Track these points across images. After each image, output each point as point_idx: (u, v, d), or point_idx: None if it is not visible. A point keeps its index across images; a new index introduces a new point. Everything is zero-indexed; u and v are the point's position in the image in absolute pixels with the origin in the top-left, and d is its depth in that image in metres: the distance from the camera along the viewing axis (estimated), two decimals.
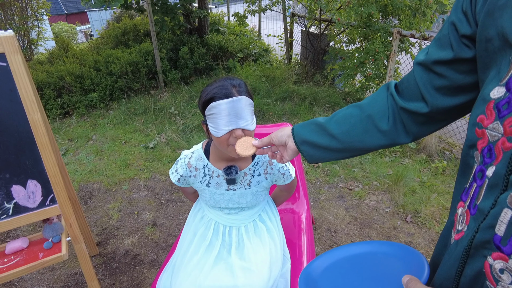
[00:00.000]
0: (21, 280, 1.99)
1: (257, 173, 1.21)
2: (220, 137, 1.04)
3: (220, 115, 1.01)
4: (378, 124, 0.71)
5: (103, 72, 4.49)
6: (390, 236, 2.22)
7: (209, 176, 1.20)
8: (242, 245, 1.25)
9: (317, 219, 2.37)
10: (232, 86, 1.04)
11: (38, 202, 1.49)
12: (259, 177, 1.21)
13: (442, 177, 2.81)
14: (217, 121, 1.02)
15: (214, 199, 1.23)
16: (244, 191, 1.21)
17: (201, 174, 1.20)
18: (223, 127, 1.01)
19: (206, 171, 1.20)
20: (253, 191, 1.22)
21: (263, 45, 6.03)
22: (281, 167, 1.22)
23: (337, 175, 2.88)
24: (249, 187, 1.21)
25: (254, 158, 1.22)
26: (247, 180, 1.21)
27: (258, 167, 1.22)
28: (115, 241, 2.25)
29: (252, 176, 1.21)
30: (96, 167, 3.08)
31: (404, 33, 3.41)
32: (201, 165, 1.21)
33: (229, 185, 1.19)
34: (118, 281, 1.95)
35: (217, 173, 1.19)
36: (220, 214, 1.28)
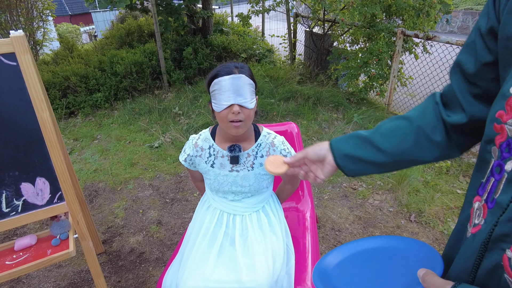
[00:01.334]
0: (29, 277, 2.01)
1: (260, 155, 1.25)
2: (220, 112, 1.11)
3: (221, 90, 1.09)
4: (431, 136, 0.68)
5: (107, 73, 4.52)
6: (394, 234, 2.22)
7: (213, 157, 1.26)
8: (246, 235, 1.28)
9: (321, 218, 2.38)
10: (234, 66, 1.13)
11: (46, 199, 1.51)
12: (262, 158, 1.25)
13: (446, 177, 2.81)
14: (219, 96, 1.10)
15: (218, 181, 1.26)
16: (247, 173, 1.25)
17: (206, 155, 1.26)
18: (223, 102, 1.09)
19: (211, 151, 1.26)
20: (256, 173, 1.25)
21: (266, 45, 6.05)
22: (283, 149, 1.26)
23: (341, 174, 2.89)
24: (252, 168, 1.25)
25: (257, 140, 1.26)
26: (250, 161, 1.25)
27: (260, 149, 1.26)
28: (121, 239, 2.27)
29: (255, 158, 1.25)
30: (101, 166, 3.11)
31: (408, 33, 3.41)
32: (206, 145, 1.27)
33: (233, 165, 1.24)
34: (124, 279, 1.97)
35: (222, 153, 1.25)
36: (225, 202, 1.31)
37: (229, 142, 1.24)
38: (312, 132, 3.59)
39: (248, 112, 1.13)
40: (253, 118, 1.20)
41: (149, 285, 1.92)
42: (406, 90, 4.39)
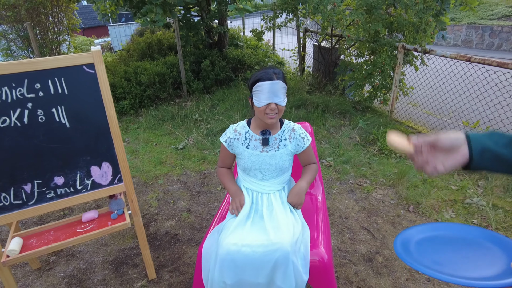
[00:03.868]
0: (80, 252, 2.36)
1: (284, 138, 1.61)
2: (260, 108, 1.46)
3: (262, 92, 1.44)
4: None
5: (133, 82, 4.95)
6: (394, 222, 2.54)
7: (248, 140, 1.60)
8: (271, 208, 1.62)
9: (330, 208, 2.71)
10: (273, 72, 1.46)
11: (109, 180, 1.87)
12: (285, 141, 1.60)
13: (442, 176, 3.12)
14: (260, 96, 1.45)
15: (251, 160, 1.60)
16: (274, 153, 1.59)
17: (243, 138, 1.61)
18: (264, 100, 1.44)
19: (247, 136, 1.61)
20: (281, 153, 1.59)
21: (277, 58, 6.47)
22: (301, 132, 1.62)
23: (348, 173, 3.22)
24: (278, 149, 1.59)
25: (282, 126, 1.63)
26: (277, 144, 1.60)
27: (284, 134, 1.61)
28: (156, 224, 2.62)
29: (280, 140, 1.60)
30: (133, 164, 3.48)
31: (408, 47, 3.78)
32: (243, 131, 1.62)
33: (263, 146, 1.58)
34: (162, 255, 2.31)
35: (255, 137, 1.60)
36: (254, 181, 1.65)
37: (261, 129, 1.59)
38: (321, 136, 3.94)
39: (281, 108, 1.49)
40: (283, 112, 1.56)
41: (184, 259, 2.26)
42: (409, 99, 4.73)
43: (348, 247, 2.29)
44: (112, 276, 2.14)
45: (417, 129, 4.08)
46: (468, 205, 2.70)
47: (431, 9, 3.38)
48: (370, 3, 3.38)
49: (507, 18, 11.73)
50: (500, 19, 11.85)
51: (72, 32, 8.02)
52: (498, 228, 2.43)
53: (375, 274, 2.08)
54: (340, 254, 2.24)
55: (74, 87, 1.70)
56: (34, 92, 1.63)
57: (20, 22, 6.75)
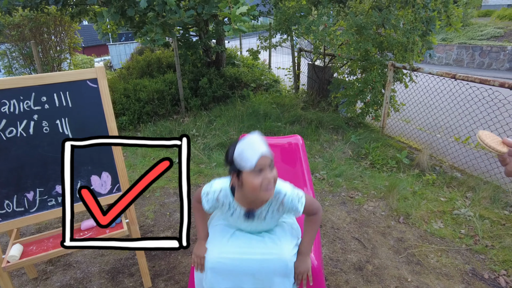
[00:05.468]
0: (77, 262, 2.41)
1: (271, 211, 1.44)
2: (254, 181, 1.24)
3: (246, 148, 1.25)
4: None
5: (132, 99, 5.08)
6: (384, 233, 2.61)
7: (232, 210, 1.44)
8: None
9: (322, 220, 2.78)
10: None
11: (108, 189, 1.95)
12: (273, 213, 1.45)
13: (432, 188, 3.22)
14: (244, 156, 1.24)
15: (235, 223, 1.50)
16: (260, 224, 1.47)
17: (226, 207, 1.45)
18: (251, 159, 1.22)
19: (231, 206, 1.44)
20: (268, 222, 1.47)
21: (273, 76, 6.65)
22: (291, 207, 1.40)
23: (340, 186, 3.31)
24: (264, 220, 1.45)
25: (268, 202, 1.41)
26: (263, 215, 1.44)
27: (271, 206, 1.43)
28: (152, 235, 2.67)
29: (267, 213, 1.44)
30: (131, 177, 3.55)
31: (397, 65, 3.95)
32: (227, 201, 1.44)
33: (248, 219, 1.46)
34: (157, 264, 2.36)
35: (239, 210, 1.43)
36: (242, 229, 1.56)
37: (247, 204, 1.40)
38: (315, 151, 4.04)
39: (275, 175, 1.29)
40: None
41: (179, 269, 2.31)
42: (400, 115, 4.88)
43: (339, 257, 2.36)
44: (108, 285, 2.18)
45: (408, 144, 4.20)
46: (456, 216, 2.78)
47: (417, 30, 3.56)
48: (360, 24, 3.56)
49: (496, 39, 12.12)
50: (489, 40, 12.23)
51: (74, 50, 8.23)
52: (484, 237, 2.51)
53: (365, 282, 2.14)
54: (331, 263, 2.30)
55: (78, 100, 1.81)
56: (40, 104, 1.73)
57: (23, 41, 6.95)
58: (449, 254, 2.37)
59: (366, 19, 3.65)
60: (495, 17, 14.14)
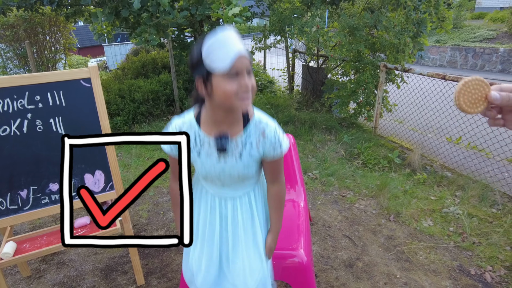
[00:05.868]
0: (71, 261, 2.43)
1: (249, 144, 1.16)
2: (226, 86, 0.99)
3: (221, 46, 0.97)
4: None
5: (127, 99, 5.09)
6: (375, 231, 2.66)
7: (199, 145, 1.18)
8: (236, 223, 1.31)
9: (314, 218, 2.82)
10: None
11: (101, 187, 1.98)
12: (251, 149, 1.17)
13: (422, 187, 3.27)
14: (218, 53, 0.97)
15: (205, 169, 1.21)
16: (235, 164, 1.18)
17: (192, 142, 1.18)
18: (227, 57, 0.96)
19: (197, 140, 1.18)
20: (244, 163, 1.18)
21: (268, 77, 6.70)
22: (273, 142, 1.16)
23: (332, 185, 3.35)
24: (240, 158, 1.17)
25: (246, 127, 1.16)
26: (238, 151, 1.17)
27: (249, 139, 1.16)
28: (146, 233, 2.70)
29: (244, 147, 1.16)
30: (125, 177, 3.58)
31: (389, 66, 4.00)
32: (191, 131, 1.18)
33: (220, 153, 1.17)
34: (151, 262, 2.38)
35: (208, 142, 1.17)
36: (214, 187, 1.29)
37: (216, 127, 1.15)
38: (308, 151, 4.08)
39: (254, 84, 1.05)
40: None
41: (172, 267, 2.33)
42: (393, 116, 4.94)
43: (330, 254, 2.40)
44: (101, 283, 2.21)
45: (400, 144, 4.26)
46: (445, 214, 2.83)
47: (408, 31, 3.62)
48: (352, 25, 3.61)
49: (489, 41, 12.28)
50: (482, 42, 12.39)
51: (68, 51, 8.22)
52: (472, 234, 2.56)
53: (355, 279, 2.18)
54: (322, 260, 2.34)
55: (71, 100, 1.83)
56: (34, 103, 1.76)
57: (18, 41, 6.94)
58: (437, 251, 2.42)
59: (359, 21, 3.70)
60: (488, 19, 14.32)
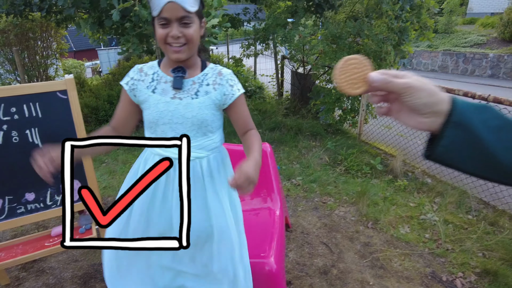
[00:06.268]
0: (51, 268, 2.45)
1: (206, 83, 1.19)
2: (158, 31, 1.08)
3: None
4: None
5: (115, 105, 5.12)
6: (352, 238, 2.70)
7: (156, 82, 1.20)
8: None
9: (293, 225, 2.87)
10: None
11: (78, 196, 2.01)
12: (208, 87, 1.19)
13: (402, 193, 3.33)
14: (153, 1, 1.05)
15: (158, 109, 1.18)
16: (190, 101, 1.17)
17: (149, 79, 1.21)
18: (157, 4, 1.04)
19: (154, 77, 1.21)
20: (200, 101, 1.18)
21: (257, 83, 6.76)
22: (230, 78, 1.21)
23: (314, 191, 3.40)
24: (196, 96, 1.18)
25: (204, 69, 1.22)
26: (195, 89, 1.19)
27: (207, 78, 1.20)
28: None
29: (200, 85, 1.19)
30: (110, 184, 3.61)
31: None
32: (151, 71, 1.22)
33: (176, 91, 1.18)
34: None
35: (165, 79, 1.20)
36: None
37: (171, 64, 1.19)
38: (293, 157, 4.14)
39: (190, 34, 1.09)
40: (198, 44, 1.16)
41: None
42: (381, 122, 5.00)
43: (306, 261, 2.44)
44: None
45: (383, 150, 4.32)
46: (422, 221, 2.89)
47: (390, 40, 3.69)
48: (334, 34, 3.68)
49: (479, 46, 12.44)
50: (472, 47, 12.56)
51: (60, 56, 8.24)
52: (446, 241, 2.62)
53: (329, 286, 2.22)
54: (297, 267, 2.38)
55: (47, 111, 1.88)
56: (10, 115, 1.79)
57: (9, 46, 6.95)
58: (411, 258, 2.48)
59: (341, 29, 3.77)
60: (478, 25, 14.52)
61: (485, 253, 2.49)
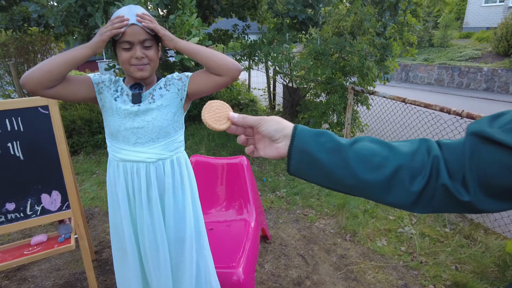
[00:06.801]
0: (33, 277, 2.52)
1: (158, 87, 1.31)
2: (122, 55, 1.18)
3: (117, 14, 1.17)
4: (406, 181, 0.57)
5: None
6: (329, 250, 2.76)
7: (120, 93, 1.30)
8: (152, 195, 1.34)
9: (273, 236, 2.93)
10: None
11: (57, 206, 2.10)
12: (160, 90, 1.30)
13: (383, 207, 3.39)
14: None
15: (119, 115, 1.26)
16: (149, 105, 1.26)
17: (113, 88, 1.31)
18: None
19: (118, 89, 1.31)
20: (158, 104, 1.27)
21: (250, 96, 6.89)
22: (176, 76, 1.34)
23: (297, 203, 3.47)
24: (153, 100, 1.28)
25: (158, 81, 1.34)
26: (151, 95, 1.30)
27: (159, 84, 1.33)
28: (109, 251, 2.79)
29: (155, 91, 1.30)
30: (98, 195, 3.69)
31: (356, 88, 4.18)
32: (116, 84, 1.33)
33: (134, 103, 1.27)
34: (109, 278, 2.47)
35: (126, 91, 1.30)
36: (126, 147, 1.29)
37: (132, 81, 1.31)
38: (279, 170, 4.22)
39: (151, 55, 1.21)
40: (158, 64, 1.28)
41: None
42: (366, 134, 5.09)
43: (281, 272, 2.50)
44: None
45: None
46: (400, 234, 2.94)
47: (372, 56, 3.81)
48: (318, 51, 3.80)
49: (474, 60, 12.60)
50: (467, 61, 12.72)
51: None
52: (421, 254, 2.67)
53: None
54: (272, 278, 2.44)
55: (29, 125, 1.97)
56: None
57: (9, 59, 7.14)
58: (385, 271, 2.53)
59: (324, 46, 3.90)
60: (474, 39, 14.72)
61: (457, 266, 2.54)
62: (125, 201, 1.35)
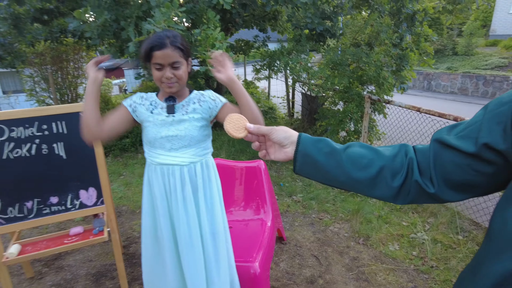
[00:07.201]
0: (69, 266, 2.77)
1: (192, 102, 1.47)
2: (156, 75, 1.37)
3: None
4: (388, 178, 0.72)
5: None
6: (342, 252, 2.88)
7: (154, 106, 1.47)
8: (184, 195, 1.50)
9: (288, 238, 3.07)
10: (166, 36, 1.35)
11: (93, 202, 2.34)
12: (194, 105, 1.47)
13: (397, 213, 3.47)
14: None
15: (156, 125, 1.45)
16: (182, 117, 1.45)
17: (148, 103, 1.48)
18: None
19: (152, 103, 1.48)
20: (190, 116, 1.45)
21: (269, 104, 7.08)
22: (211, 95, 1.49)
23: (312, 208, 3.60)
24: (186, 113, 1.45)
25: (190, 94, 1.50)
26: (184, 109, 1.46)
27: (193, 99, 1.48)
28: (136, 245, 3.02)
29: (188, 105, 1.47)
30: (125, 195, 3.95)
31: (373, 97, 4.29)
32: (150, 99, 1.50)
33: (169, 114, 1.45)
34: (136, 271, 2.69)
35: (161, 105, 1.47)
36: (162, 153, 1.48)
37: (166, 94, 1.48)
38: (296, 175, 4.36)
39: (179, 75, 1.38)
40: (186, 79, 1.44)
41: None
42: (385, 143, 5.16)
43: (295, 271, 2.64)
44: (91, 286, 2.53)
45: None
46: (412, 239, 3.02)
47: (389, 66, 3.91)
48: (335, 61, 3.95)
49: (500, 68, 12.32)
50: (493, 69, 12.45)
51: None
52: (432, 259, 2.75)
53: None
54: (287, 276, 2.58)
55: (71, 128, 2.23)
56: (41, 131, 2.16)
57: (45, 67, 7.66)
58: (396, 273, 2.62)
59: (341, 56, 4.04)
60: (501, 47, 14.37)
61: None
62: (164, 199, 1.53)
